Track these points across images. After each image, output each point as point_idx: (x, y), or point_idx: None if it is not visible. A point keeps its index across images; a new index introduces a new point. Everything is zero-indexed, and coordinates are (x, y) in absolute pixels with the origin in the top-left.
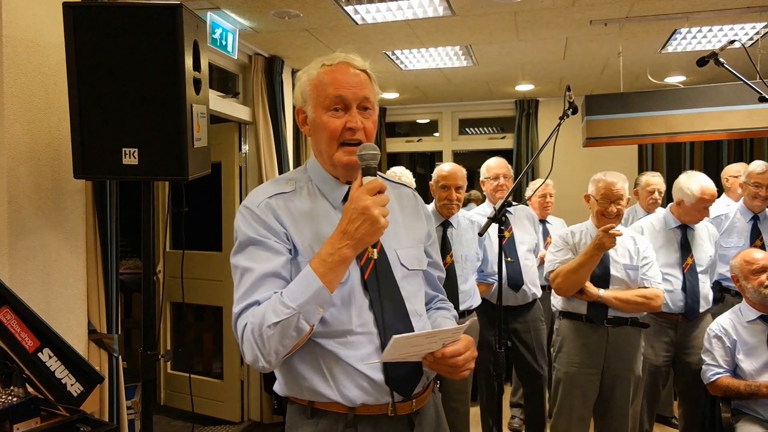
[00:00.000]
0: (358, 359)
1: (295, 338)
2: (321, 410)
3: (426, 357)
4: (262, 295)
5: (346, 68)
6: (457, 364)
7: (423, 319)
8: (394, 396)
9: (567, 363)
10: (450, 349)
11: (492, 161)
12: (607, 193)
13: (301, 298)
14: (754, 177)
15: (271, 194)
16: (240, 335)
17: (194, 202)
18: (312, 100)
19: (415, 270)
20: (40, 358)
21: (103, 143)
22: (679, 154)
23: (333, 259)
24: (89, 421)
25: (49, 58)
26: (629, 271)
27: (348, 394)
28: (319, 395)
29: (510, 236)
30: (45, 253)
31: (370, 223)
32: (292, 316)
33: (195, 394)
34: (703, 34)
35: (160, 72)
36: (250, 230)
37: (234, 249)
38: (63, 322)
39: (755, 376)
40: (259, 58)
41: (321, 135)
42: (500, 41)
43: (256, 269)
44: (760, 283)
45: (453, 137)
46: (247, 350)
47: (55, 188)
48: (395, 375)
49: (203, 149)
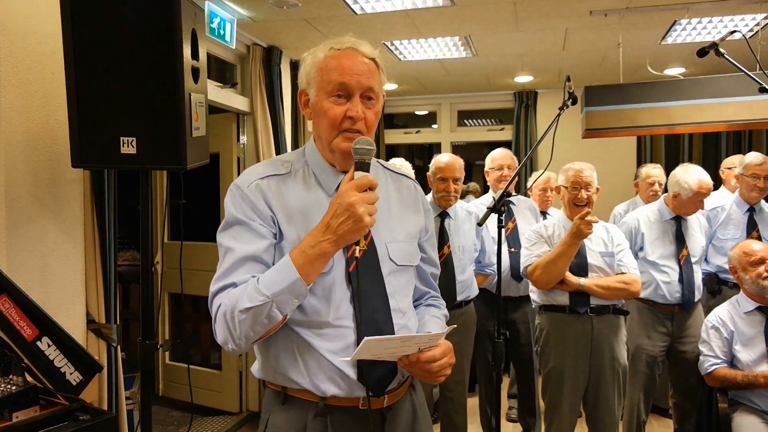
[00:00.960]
0: (332, 352)
1: (267, 325)
2: (293, 397)
3: (401, 359)
4: (240, 277)
5: (354, 54)
6: (431, 370)
7: (407, 316)
8: (364, 391)
9: (554, 357)
10: (425, 356)
11: (497, 152)
12: (577, 179)
13: (276, 287)
14: (751, 168)
15: (264, 175)
16: (214, 315)
17: (193, 193)
18: (315, 83)
19: (405, 266)
20: (39, 346)
21: (100, 132)
22: (678, 146)
23: (312, 252)
24: (88, 410)
25: (46, 46)
26: (606, 258)
27: (319, 384)
28: (292, 382)
29: (513, 227)
30: (43, 243)
31: (353, 221)
32: (265, 304)
33: (193, 384)
34: (703, 26)
35: (158, 60)
36: (236, 210)
37: (221, 226)
38: (61, 312)
39: (752, 367)
40: (257, 48)
41: (321, 120)
42: (499, 31)
43: (237, 250)
44: (758, 275)
45: (452, 129)
46: (219, 330)
47: (53, 178)
48: (368, 372)
49: (201, 139)
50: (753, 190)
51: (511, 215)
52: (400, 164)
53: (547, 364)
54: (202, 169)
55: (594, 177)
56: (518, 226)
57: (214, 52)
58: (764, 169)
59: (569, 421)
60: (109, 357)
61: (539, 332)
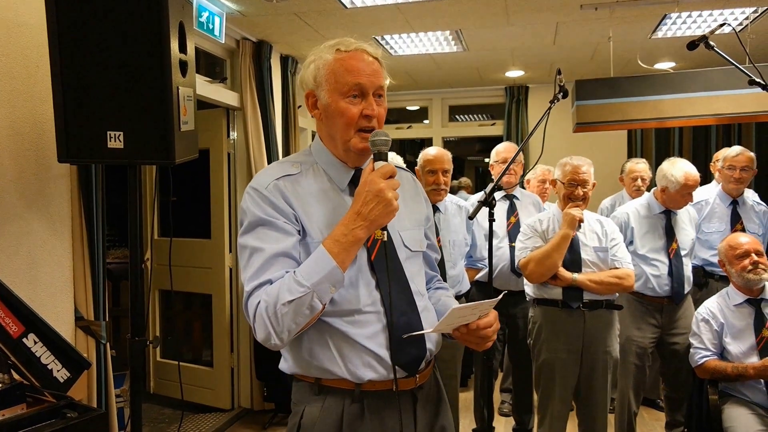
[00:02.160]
0: (366, 337)
1: (308, 316)
2: (328, 387)
3: (459, 329)
4: (275, 274)
5: (363, 55)
6: (487, 335)
7: (425, 298)
8: (398, 373)
9: (546, 350)
10: (484, 322)
11: (501, 146)
12: (574, 177)
13: (315, 277)
14: (729, 160)
15: (279, 176)
16: (252, 313)
17: (183, 190)
18: (328, 85)
19: (417, 251)
20: (25, 343)
21: (87, 126)
22: (668, 140)
23: (347, 240)
24: (76, 407)
25: (31, 39)
26: (599, 253)
27: (356, 371)
28: (327, 372)
29: (516, 221)
30: (30, 239)
31: (384, 206)
32: (306, 295)
33: (185, 382)
34: (693, 19)
35: (145, 53)
36: (259, 211)
37: (242, 229)
38: (49, 309)
39: (742, 359)
40: (246, 42)
41: (336, 121)
42: (490, 26)
43: (266, 249)
44: (742, 268)
45: (443, 124)
46: (259, 328)
47: (39, 173)
48: (402, 353)
49: (190, 133)
50: (730, 181)
51: (514, 210)
52: (391, 158)
53: (539, 356)
54: (191, 165)
55: (591, 173)
56: (521, 220)
57: (203, 47)
58: (739, 161)
59: (561, 413)
60: (98, 354)
61: (532, 325)
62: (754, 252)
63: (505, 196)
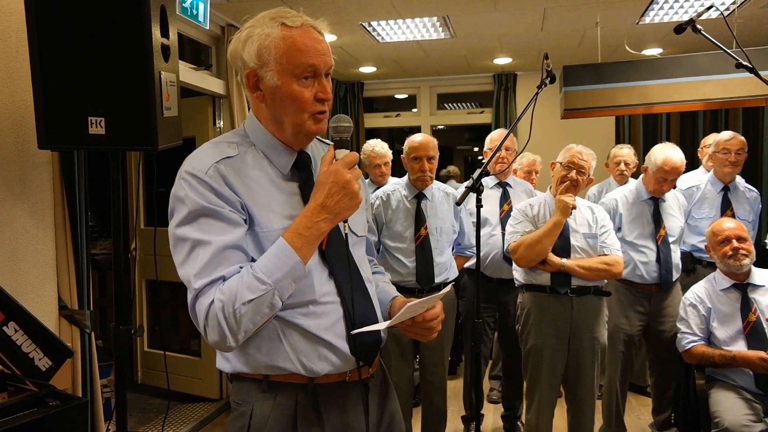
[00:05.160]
0: (324, 328)
1: (267, 315)
2: (278, 382)
3: (404, 321)
4: (227, 270)
5: (312, 32)
6: (433, 327)
7: (372, 285)
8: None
9: (534, 335)
10: (430, 313)
11: (495, 133)
12: (573, 160)
13: (277, 273)
14: (722, 144)
15: (218, 159)
16: (203, 314)
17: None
18: (278, 65)
19: (362, 236)
20: (5, 332)
21: (68, 112)
22: (656, 126)
23: (310, 233)
24: (58, 396)
25: (9, 24)
26: (589, 239)
27: (311, 365)
28: (277, 368)
29: (509, 209)
30: (11, 228)
31: (350, 198)
32: (268, 293)
33: (172, 372)
34: (680, 5)
35: (126, 37)
36: (200, 198)
37: (179, 219)
38: (32, 298)
39: (729, 344)
40: (232, 29)
41: (287, 104)
42: (477, 12)
43: (213, 242)
44: (723, 254)
45: (431, 112)
46: (212, 330)
47: (20, 160)
48: (361, 344)
49: (173, 119)
50: (725, 165)
51: (507, 197)
52: (374, 143)
53: (527, 342)
54: (177, 153)
55: (592, 164)
56: (513, 208)
57: (187, 33)
58: (734, 144)
59: (548, 399)
60: (83, 343)
61: (520, 311)
62: (735, 238)
63: (498, 184)
